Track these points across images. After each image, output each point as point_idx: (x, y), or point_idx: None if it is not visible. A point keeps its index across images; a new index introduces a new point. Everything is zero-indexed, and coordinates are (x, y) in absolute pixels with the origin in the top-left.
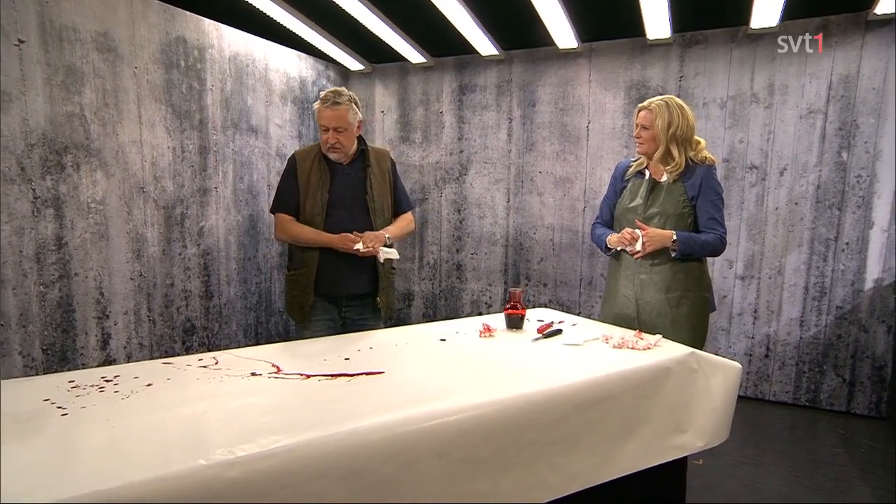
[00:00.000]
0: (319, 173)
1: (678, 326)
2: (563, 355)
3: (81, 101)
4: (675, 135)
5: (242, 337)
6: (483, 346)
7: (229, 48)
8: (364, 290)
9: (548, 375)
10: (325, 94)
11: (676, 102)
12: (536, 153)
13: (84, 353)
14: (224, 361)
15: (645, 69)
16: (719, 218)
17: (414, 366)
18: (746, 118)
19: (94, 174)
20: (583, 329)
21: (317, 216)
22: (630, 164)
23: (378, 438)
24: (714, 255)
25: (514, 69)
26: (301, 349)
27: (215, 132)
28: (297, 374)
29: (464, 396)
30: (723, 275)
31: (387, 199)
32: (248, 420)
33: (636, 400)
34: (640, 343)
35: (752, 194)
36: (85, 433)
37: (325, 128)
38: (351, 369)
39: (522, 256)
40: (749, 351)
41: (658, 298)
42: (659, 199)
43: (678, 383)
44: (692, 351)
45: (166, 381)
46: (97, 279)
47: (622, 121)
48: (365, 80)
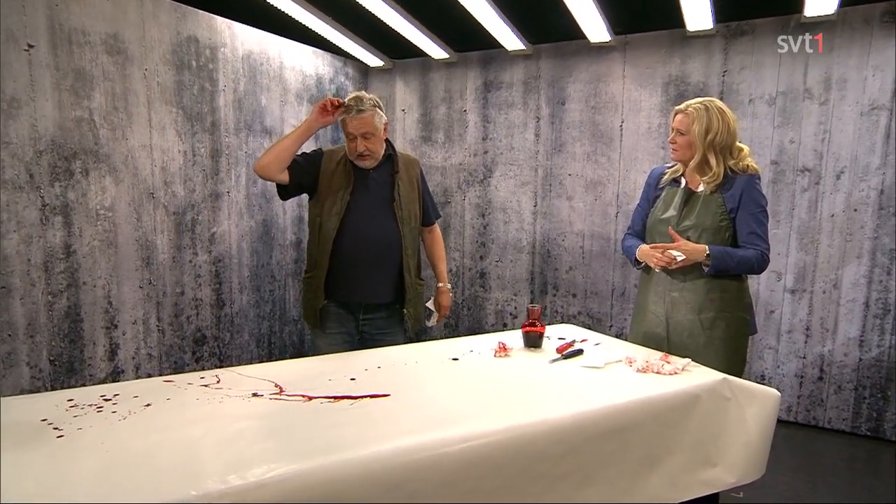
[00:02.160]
0: (344, 174)
1: (712, 350)
2: (582, 379)
3: (90, 105)
4: (713, 142)
5: (255, 347)
6: (497, 366)
7: (242, 46)
8: (385, 300)
9: (563, 401)
10: (346, 103)
11: (717, 106)
12: (566, 154)
13: (92, 364)
14: (226, 380)
15: (684, 63)
16: (761, 233)
17: (422, 388)
18: (798, 116)
19: (103, 180)
20: (606, 350)
21: (333, 217)
22: (665, 170)
23: (378, 468)
24: (753, 272)
25: (542, 65)
26: (307, 367)
27: (228, 134)
28: (300, 395)
29: (471, 423)
30: (770, 288)
31: (414, 207)
32: (244, 446)
33: (660, 430)
34: (665, 367)
35: (803, 200)
36: (78, 457)
37: (353, 136)
38: (356, 390)
39: (550, 265)
40: (800, 372)
41: (690, 319)
42: (694, 211)
43: (708, 412)
44: (724, 377)
45: (165, 401)
46: (105, 288)
47: (658, 120)
48: (385, 77)
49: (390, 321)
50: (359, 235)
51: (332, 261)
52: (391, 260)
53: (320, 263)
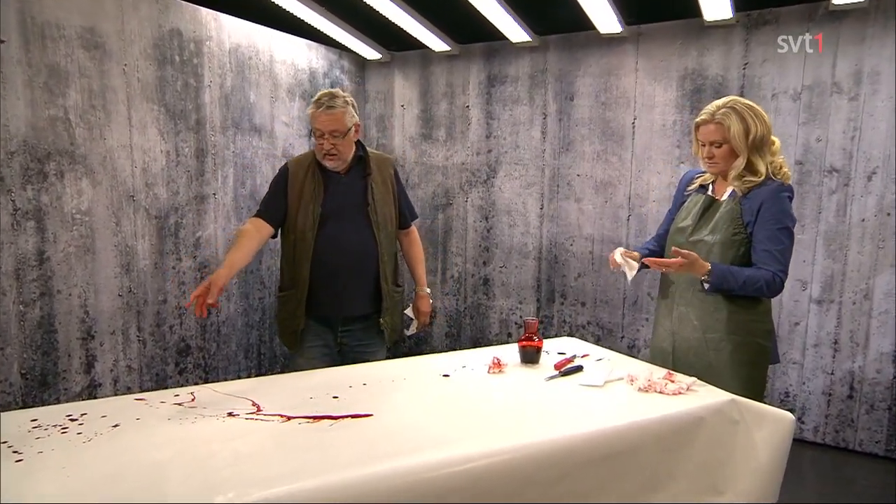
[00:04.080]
0: (313, 184)
1: (717, 374)
2: (578, 398)
3: (66, 103)
4: (755, 141)
5: (243, 358)
6: (490, 384)
7: (229, 39)
8: (364, 312)
9: (556, 423)
10: (318, 97)
11: (742, 103)
12: (574, 153)
13: (66, 378)
14: (201, 398)
15: (702, 56)
16: (776, 252)
17: (408, 407)
18: (826, 112)
19: (80, 182)
20: (607, 366)
21: (308, 231)
22: (697, 175)
23: (355, 493)
24: (762, 296)
25: (550, 57)
26: (288, 384)
27: (214, 133)
28: (277, 414)
29: (456, 446)
30: (794, 298)
31: (390, 210)
32: (214, 470)
33: (661, 454)
34: (669, 387)
35: (831, 203)
36: (36, 484)
37: (321, 133)
38: (338, 409)
39: (557, 271)
40: (828, 390)
41: (696, 337)
42: (710, 222)
43: (713, 436)
44: (732, 398)
45: (135, 421)
46: (82, 297)
47: (674, 116)
48: (383, 71)
49: (369, 332)
50: (334, 247)
51: (310, 278)
52: (368, 269)
53: (298, 282)
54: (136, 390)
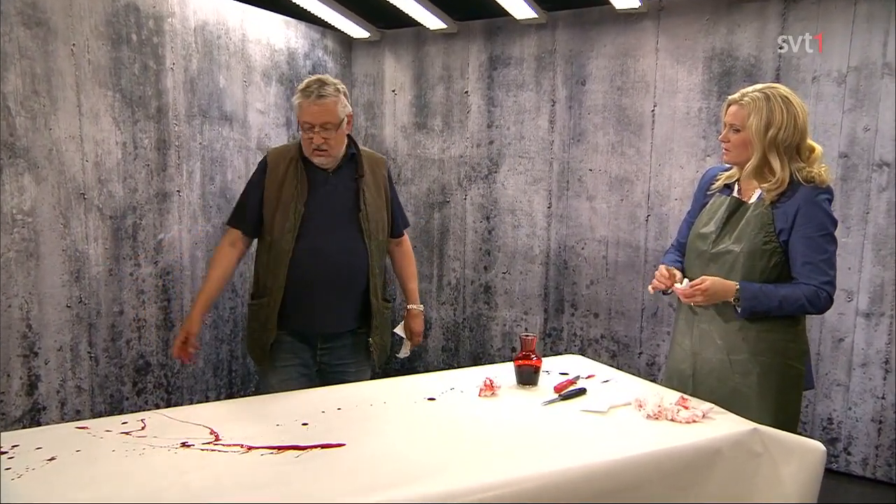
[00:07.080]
0: (295, 181)
1: (744, 401)
2: (578, 426)
3: (4, 89)
4: (775, 140)
5: (212, 376)
6: (480, 409)
7: (195, 16)
8: (347, 328)
9: (551, 454)
10: (306, 85)
11: (781, 94)
12: (586, 145)
13: (4, 401)
14: (153, 425)
15: (732, 34)
16: (822, 263)
17: (385, 436)
18: (875, 98)
19: (20, 179)
20: (614, 389)
21: (287, 234)
22: (720, 172)
23: None
24: (807, 313)
25: (559, 37)
26: (253, 408)
27: (178, 122)
28: (237, 444)
29: (439, 480)
30: (839, 310)
31: (383, 217)
32: None
33: (669, 492)
34: (681, 414)
35: (881, 202)
36: None
37: (310, 125)
38: (306, 438)
39: (567, 278)
40: (878, 416)
41: (719, 358)
42: (737, 228)
43: (732, 471)
44: (754, 427)
45: (74, 453)
46: (23, 308)
47: (699, 103)
48: (372, 51)
49: (354, 350)
50: (317, 254)
51: (286, 287)
52: (356, 282)
53: (272, 291)
54: (86, 415)
